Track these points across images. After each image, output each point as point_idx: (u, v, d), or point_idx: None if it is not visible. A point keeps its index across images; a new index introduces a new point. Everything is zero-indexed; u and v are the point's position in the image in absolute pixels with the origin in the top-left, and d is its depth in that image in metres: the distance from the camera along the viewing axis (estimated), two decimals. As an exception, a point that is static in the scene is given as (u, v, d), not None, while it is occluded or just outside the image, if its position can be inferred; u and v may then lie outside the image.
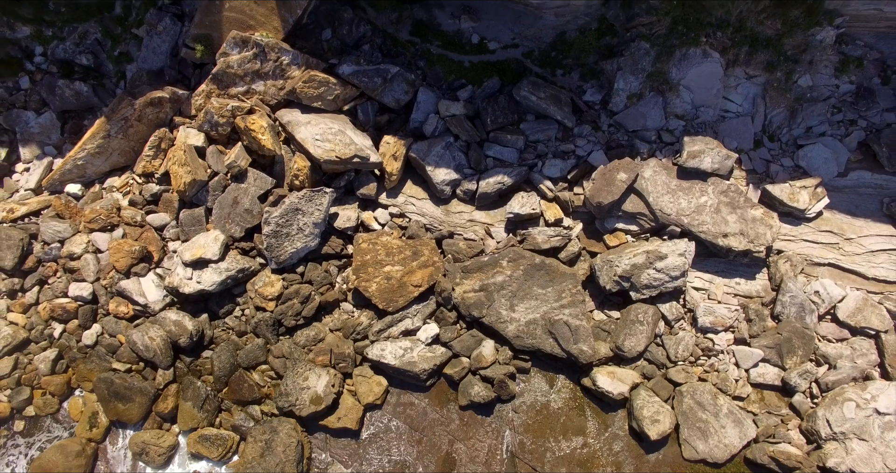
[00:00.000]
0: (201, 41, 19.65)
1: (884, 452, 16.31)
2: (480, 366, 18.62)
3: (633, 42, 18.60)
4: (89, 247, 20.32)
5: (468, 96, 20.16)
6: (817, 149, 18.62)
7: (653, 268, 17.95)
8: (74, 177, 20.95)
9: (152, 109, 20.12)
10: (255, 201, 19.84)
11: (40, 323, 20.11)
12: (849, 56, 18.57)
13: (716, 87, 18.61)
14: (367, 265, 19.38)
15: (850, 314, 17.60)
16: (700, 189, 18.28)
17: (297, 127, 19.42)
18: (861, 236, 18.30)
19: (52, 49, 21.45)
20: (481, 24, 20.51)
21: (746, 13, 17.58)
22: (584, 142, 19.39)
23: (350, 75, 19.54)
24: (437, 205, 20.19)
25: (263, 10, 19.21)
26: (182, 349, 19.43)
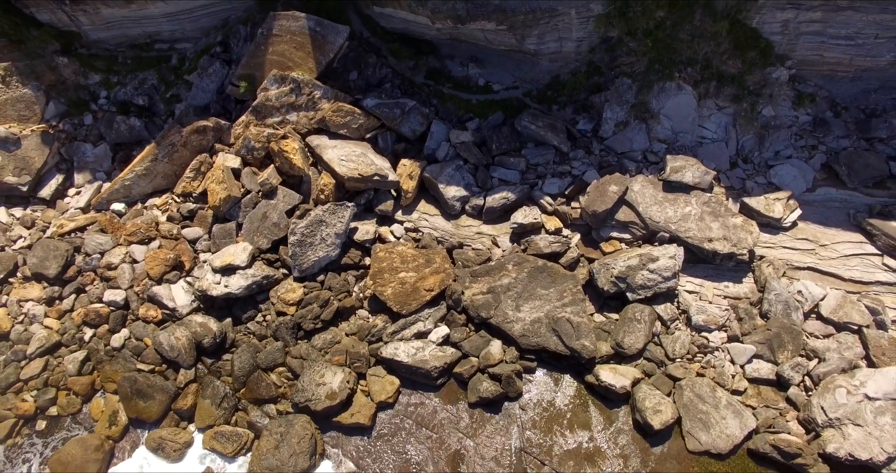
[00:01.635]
0: (246, 79, 22.86)
1: (879, 436, 16.91)
2: (489, 364, 19.59)
3: (617, 79, 21.73)
4: (126, 258, 22.08)
5: (475, 127, 22.99)
6: (786, 168, 21.03)
7: (646, 269, 19.58)
8: (120, 196, 23.22)
9: (197, 136, 22.86)
10: (282, 215, 21.93)
11: (73, 327, 21.33)
12: (803, 93, 21.61)
13: (691, 116, 21.42)
14: (384, 271, 21.01)
15: (832, 310, 18.96)
16: (684, 200, 20.42)
17: (325, 149, 22.01)
18: (834, 243, 20.13)
19: (115, 92, 24.72)
20: (486, 71, 23.90)
21: (711, 53, 20.84)
22: (579, 163, 21.88)
23: (373, 107, 22.50)
24: (448, 220, 22.24)
25: (301, 54, 22.58)
26: (205, 350, 20.48)
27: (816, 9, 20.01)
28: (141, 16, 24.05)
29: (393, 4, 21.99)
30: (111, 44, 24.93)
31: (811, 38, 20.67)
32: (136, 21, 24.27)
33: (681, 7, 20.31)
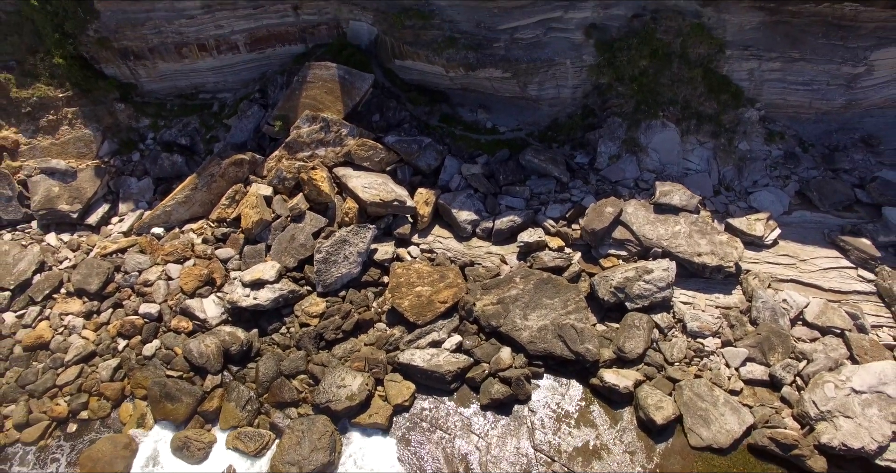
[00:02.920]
0: (281, 119, 25.88)
1: (868, 426, 17.97)
2: (499, 368, 20.87)
3: (608, 118, 24.72)
4: (162, 275, 23.94)
5: (484, 162, 25.69)
6: (764, 194, 23.47)
7: (642, 280, 21.41)
8: (160, 222, 25.44)
9: (234, 168, 25.49)
10: (309, 237, 24.05)
11: (107, 338, 22.76)
12: (773, 131, 24.53)
13: (676, 150, 24.17)
14: (402, 285, 22.79)
15: (815, 316, 20.58)
16: (674, 220, 22.64)
17: (350, 178, 24.56)
18: (813, 258, 22.11)
19: (161, 134, 27.73)
20: (493, 115, 27.01)
21: (689, 96, 23.96)
22: (578, 191, 24.34)
23: (393, 143, 25.32)
24: (460, 242, 24.32)
25: (331, 98, 25.75)
26: (231, 358, 21.80)
27: (775, 59, 23.38)
28: (190, 69, 27.61)
29: (412, 56, 25.48)
30: (162, 94, 28.32)
31: (774, 84, 23.91)
32: (185, 74, 27.81)
33: (660, 57, 23.69)
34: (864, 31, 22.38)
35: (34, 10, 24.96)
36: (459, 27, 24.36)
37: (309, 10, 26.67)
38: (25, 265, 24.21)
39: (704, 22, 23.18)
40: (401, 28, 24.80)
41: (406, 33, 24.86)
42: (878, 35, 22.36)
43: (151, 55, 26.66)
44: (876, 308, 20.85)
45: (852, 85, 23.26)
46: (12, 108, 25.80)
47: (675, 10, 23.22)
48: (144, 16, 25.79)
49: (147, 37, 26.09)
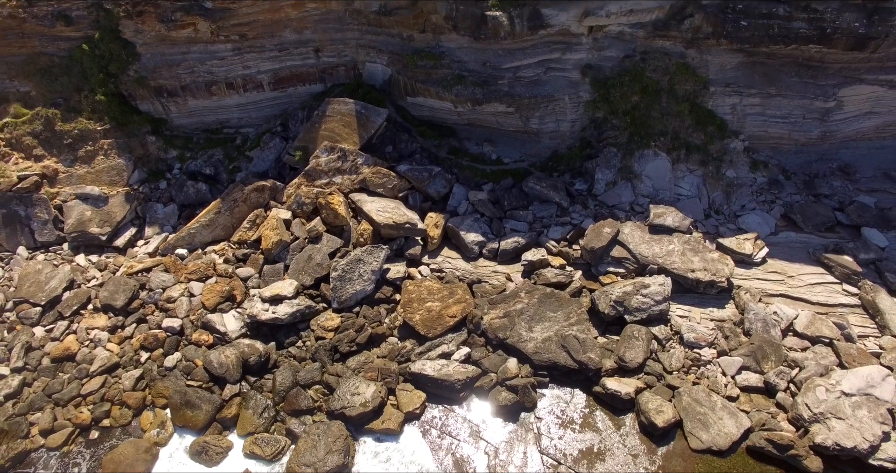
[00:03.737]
0: (301, 149, 27.95)
1: (859, 427, 18.85)
2: (506, 378, 21.86)
3: (605, 148, 26.77)
4: (185, 292, 25.27)
5: (490, 189, 27.53)
6: (751, 217, 25.16)
7: (640, 294, 22.75)
8: (184, 243, 26.99)
9: (256, 194, 27.30)
10: (325, 257, 25.53)
11: (131, 351, 23.83)
12: (757, 160, 26.52)
13: (668, 177, 26.06)
14: (413, 301, 24.08)
15: (805, 326, 21.78)
16: (668, 240, 24.21)
17: (365, 203, 26.31)
18: (800, 274, 23.53)
19: (187, 164, 29.76)
20: (498, 148, 29.11)
21: (678, 128, 26.10)
22: (577, 214, 26.05)
23: (405, 171, 27.24)
24: (468, 262, 25.78)
25: (348, 131, 27.90)
26: (250, 369, 22.81)
27: (755, 95, 25.68)
28: (217, 106, 29.96)
29: (424, 93, 27.84)
30: (189, 128, 30.56)
31: (755, 118, 26.11)
32: (212, 110, 30.14)
33: (650, 93, 25.99)
34: (831, 71, 24.80)
35: (85, 53, 27.56)
36: (467, 66, 26.84)
37: (329, 53, 29.33)
38: (56, 282, 25.58)
39: (689, 62, 25.65)
40: (414, 67, 27.29)
41: (419, 72, 27.31)
42: (844, 74, 24.77)
43: (183, 93, 29.07)
44: (861, 319, 22.09)
45: (825, 118, 25.46)
46: (55, 140, 27.93)
47: (661, 51, 25.75)
48: (180, 57, 28.39)
49: (181, 76, 28.57)
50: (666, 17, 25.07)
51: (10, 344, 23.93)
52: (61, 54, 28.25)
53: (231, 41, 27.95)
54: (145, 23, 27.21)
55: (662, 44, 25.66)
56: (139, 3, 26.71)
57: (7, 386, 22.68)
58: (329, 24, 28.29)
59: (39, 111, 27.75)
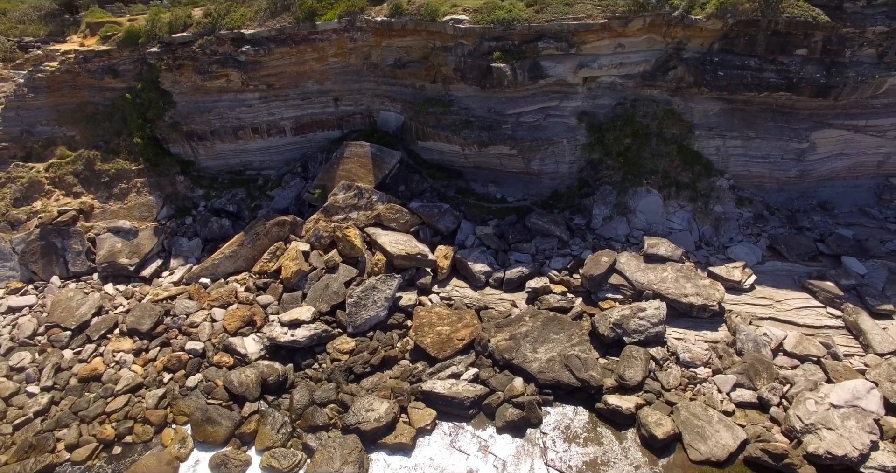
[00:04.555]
0: (320, 188, 30.18)
1: (849, 437, 19.88)
2: (513, 395, 22.99)
3: (601, 186, 28.98)
4: (207, 318, 26.74)
5: (495, 224, 29.54)
6: (739, 247, 27.01)
7: (637, 317, 24.24)
8: (208, 273, 28.69)
9: (277, 228, 29.27)
10: (341, 286, 27.18)
11: (154, 373, 25.04)
12: (742, 197, 28.66)
13: (660, 212, 28.12)
14: (424, 325, 25.52)
15: (794, 346, 23.14)
16: (661, 268, 25.94)
17: (379, 236, 28.24)
18: (787, 299, 25.09)
19: (212, 202, 31.95)
20: (502, 188, 31.36)
21: (667, 167, 28.42)
22: (577, 247, 27.90)
23: (416, 208, 29.34)
24: (475, 290, 27.37)
25: (364, 171, 30.24)
26: (268, 388, 23.95)
27: (736, 138, 28.20)
28: (242, 149, 32.52)
29: (434, 137, 30.40)
30: (215, 170, 32.99)
31: (738, 158, 28.50)
32: (237, 153, 32.69)
33: (641, 136, 28.51)
34: (801, 116, 27.42)
35: (127, 102, 30.41)
36: (474, 113, 29.52)
37: (347, 102, 32.20)
38: (86, 309, 27.09)
39: (675, 108, 28.34)
40: (425, 114, 29.99)
41: (429, 118, 29.99)
42: (814, 119, 27.38)
43: (212, 137, 31.71)
44: (846, 339, 23.47)
45: (801, 158, 27.84)
46: (94, 179, 30.25)
47: (650, 99, 28.50)
48: (212, 105, 31.21)
49: (211, 121, 31.29)
50: (652, 69, 27.99)
51: (40, 365, 25.18)
52: (105, 103, 31.09)
53: (259, 90, 30.86)
54: (183, 74, 30.21)
55: (650, 92, 28.46)
56: (179, 58, 29.79)
57: (37, 403, 23.79)
58: (348, 76, 31.31)
59: (82, 153, 30.25)
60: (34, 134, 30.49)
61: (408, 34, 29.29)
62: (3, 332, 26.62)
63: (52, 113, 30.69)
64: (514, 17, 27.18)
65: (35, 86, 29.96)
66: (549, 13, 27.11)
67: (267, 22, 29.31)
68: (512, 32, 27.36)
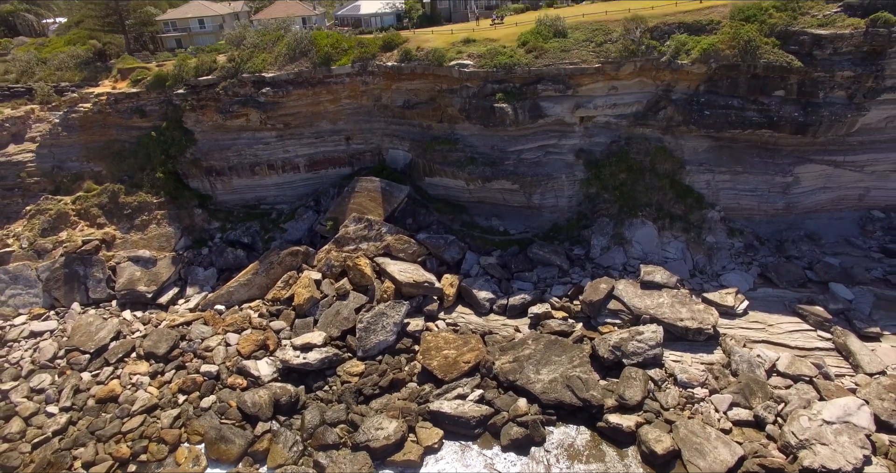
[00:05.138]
0: (331, 220, 31.76)
1: (842, 451, 20.60)
2: (517, 415, 23.77)
3: (599, 218, 30.55)
4: (222, 342, 27.75)
5: (498, 255, 30.93)
6: (731, 275, 28.30)
7: (635, 340, 25.29)
8: (223, 300, 29.87)
9: (290, 258, 30.66)
10: (351, 312, 28.33)
11: (169, 394, 25.85)
12: (733, 228, 30.16)
13: (655, 242, 29.56)
14: (431, 349, 26.52)
15: (787, 366, 24.07)
16: (658, 294, 27.15)
17: (388, 265, 29.60)
18: (778, 323, 26.17)
19: (227, 234, 33.47)
20: (505, 222, 32.93)
21: (661, 200, 30.06)
22: (576, 275, 29.19)
23: (424, 239, 30.83)
24: (480, 317, 28.49)
25: (373, 204, 31.90)
26: (281, 408, 24.74)
27: (725, 173, 29.98)
28: (258, 184, 34.32)
29: (440, 173, 32.23)
30: (230, 204, 34.68)
31: (727, 191, 30.19)
32: (252, 188, 34.47)
33: (635, 171, 30.31)
34: (784, 152, 29.33)
35: (152, 139, 32.47)
36: (478, 150, 31.46)
37: (358, 141, 34.24)
38: (105, 333, 28.15)
39: (666, 145, 30.27)
40: (432, 151, 31.93)
41: (436, 155, 31.91)
42: (796, 155, 29.27)
43: (229, 172, 33.57)
44: (837, 361, 24.41)
45: (787, 192, 29.54)
46: (117, 211, 31.91)
47: (642, 137, 30.49)
48: (231, 142, 33.22)
49: (229, 158, 33.21)
50: (644, 109, 30.10)
51: (60, 387, 26.06)
52: (132, 140, 33.16)
53: (276, 129, 32.94)
54: (205, 114, 32.36)
55: (643, 131, 30.47)
56: (203, 99, 32.02)
57: (55, 423, 24.54)
58: (360, 117, 33.47)
59: (107, 186, 32.05)
60: (64, 169, 32.39)
61: (416, 78, 31.61)
62: (25, 356, 27.63)
63: (82, 150, 32.68)
64: (515, 62, 29.51)
65: (69, 125, 32.10)
66: (547, 58, 29.46)
67: (286, 66, 31.71)
68: (513, 76, 29.63)
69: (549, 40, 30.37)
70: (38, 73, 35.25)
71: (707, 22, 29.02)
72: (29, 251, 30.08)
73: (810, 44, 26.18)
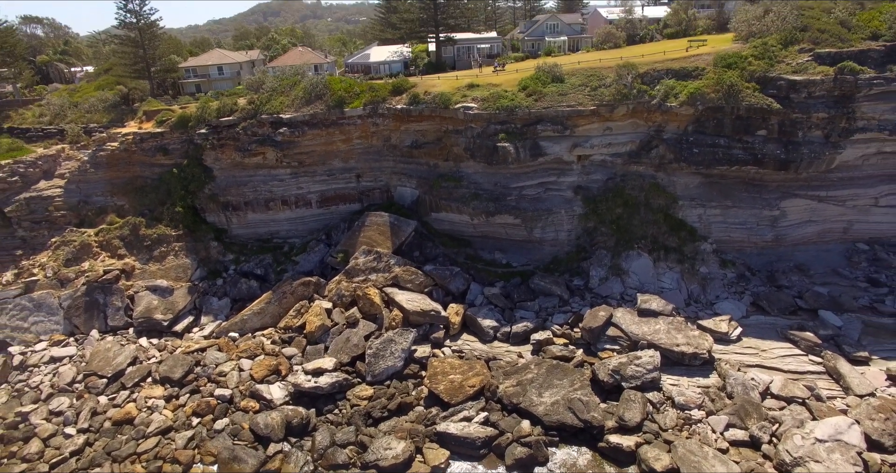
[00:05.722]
0: (342, 253, 33.28)
1: (835, 468, 21.37)
2: (521, 436, 24.56)
3: (597, 250, 32.07)
4: (236, 368, 28.74)
5: (502, 286, 32.28)
6: (725, 303, 29.57)
7: (633, 364, 26.34)
8: (236, 328, 31.01)
9: (302, 288, 31.99)
10: (361, 339, 29.46)
11: (184, 417, 26.68)
12: (725, 260, 31.64)
13: (651, 272, 30.97)
14: (438, 374, 27.51)
15: (780, 389, 25.04)
16: (654, 321, 28.35)
17: (396, 295, 30.92)
18: (771, 348, 27.26)
19: (241, 266, 34.92)
20: (507, 255, 34.44)
21: (656, 233, 31.67)
22: (576, 304, 30.46)
23: (430, 270, 32.26)
24: (484, 344, 29.58)
25: (382, 238, 33.50)
26: (292, 430, 25.54)
27: (715, 207, 31.72)
28: (271, 219, 36.04)
29: (446, 209, 33.97)
30: (245, 237, 36.28)
31: (719, 225, 31.84)
32: (266, 223, 36.16)
33: (631, 206, 32.05)
34: (771, 187, 31.18)
35: (173, 176, 34.43)
36: (481, 186, 33.32)
37: (368, 179, 36.17)
38: (122, 359, 29.18)
39: (659, 182, 32.14)
40: (438, 188, 33.78)
41: (442, 192, 33.74)
42: (782, 190, 31.10)
43: (245, 207, 35.34)
44: (828, 383, 25.39)
45: (775, 225, 31.19)
46: (137, 242, 33.49)
47: (637, 174, 32.41)
48: (248, 179, 35.15)
49: (246, 194, 35.05)
50: (637, 148, 32.14)
51: (78, 409, 26.90)
52: (154, 177, 35.10)
53: (291, 167, 34.92)
54: (225, 152, 34.42)
55: (637, 168, 32.41)
56: (223, 138, 34.17)
57: (73, 443, 25.29)
58: (370, 156, 35.54)
59: (129, 219, 33.75)
60: (90, 203, 34.18)
61: (424, 119, 33.85)
62: (45, 380, 28.57)
63: (107, 185, 34.57)
64: (516, 105, 31.77)
65: (96, 162, 34.13)
66: (546, 101, 31.75)
67: (302, 108, 33.99)
68: (515, 117, 31.82)
69: (548, 85, 32.77)
70: (69, 116, 37.65)
71: (693, 68, 31.48)
72: (53, 280, 31.47)
73: (787, 88, 28.48)
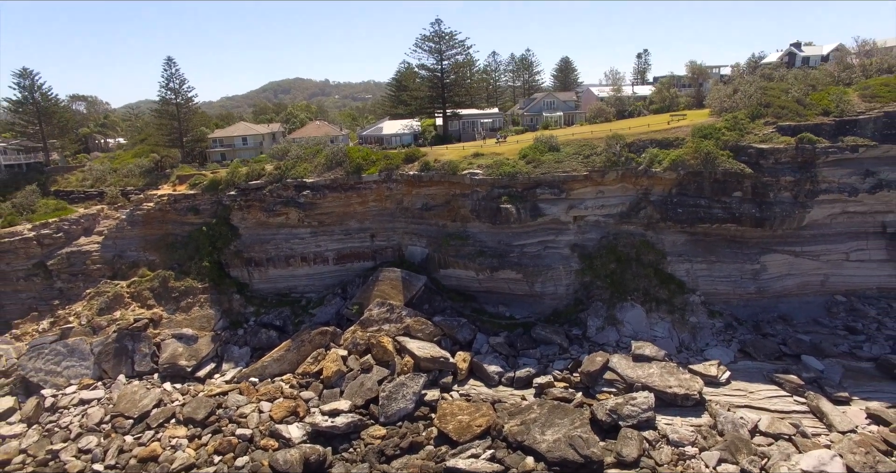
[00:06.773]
0: (357, 305, 35.73)
1: (821, 498, 22.91)
2: (525, 471, 26.02)
3: (593, 302, 34.58)
4: (256, 409, 30.42)
5: (505, 335, 34.51)
6: (714, 350, 31.72)
7: (629, 404, 28.18)
8: (257, 374, 32.88)
9: (319, 337, 34.18)
10: (374, 383, 31.34)
11: (206, 455, 28.12)
12: (713, 310, 34.09)
13: (644, 322, 33.32)
14: (447, 415, 29.24)
15: (767, 426, 26.75)
16: (648, 365, 30.39)
17: (408, 343, 33.11)
18: (758, 390, 29.13)
19: (261, 318, 37.23)
20: (510, 308, 36.91)
21: (647, 286, 34.30)
22: (575, 351, 32.58)
23: (439, 321, 34.59)
24: (490, 388, 31.40)
25: (395, 291, 36.07)
26: (310, 467, 26.97)
27: (701, 262, 34.58)
28: (290, 275, 38.74)
29: (453, 265, 36.81)
30: (265, 292, 38.81)
31: (705, 278, 34.54)
32: (286, 278, 38.83)
33: (623, 262, 34.92)
34: (751, 243, 34.18)
35: (202, 233, 37.54)
36: (486, 244, 36.35)
37: (381, 238, 39.26)
38: (148, 401, 30.91)
39: (649, 239, 35.20)
40: (446, 246, 36.80)
41: (450, 249, 36.73)
42: (761, 246, 34.09)
43: (267, 263, 38.16)
44: (812, 422, 27.11)
45: (757, 278, 33.91)
46: (165, 294, 36.00)
47: (628, 232, 35.54)
48: (270, 237, 38.21)
49: (268, 250, 37.99)
50: (627, 209, 35.49)
51: (105, 447, 28.39)
52: (184, 234, 38.18)
53: (311, 226, 38.10)
54: (251, 212, 37.73)
55: (628, 227, 35.59)
56: (250, 199, 37.59)
57: (100, 479, 26.64)
58: (383, 217, 38.83)
59: (159, 272, 36.47)
60: (124, 258, 37.03)
61: (434, 184, 37.44)
62: (74, 420, 30.15)
63: (141, 242, 37.59)
64: (517, 171, 35.46)
65: (133, 220, 37.34)
66: (544, 168, 35.46)
67: (324, 173, 37.68)
68: (516, 182, 35.40)
69: (545, 154, 36.65)
70: (108, 180, 41.35)
71: (674, 138, 35.47)
72: (86, 327, 33.72)
73: (756, 155, 32.24)
